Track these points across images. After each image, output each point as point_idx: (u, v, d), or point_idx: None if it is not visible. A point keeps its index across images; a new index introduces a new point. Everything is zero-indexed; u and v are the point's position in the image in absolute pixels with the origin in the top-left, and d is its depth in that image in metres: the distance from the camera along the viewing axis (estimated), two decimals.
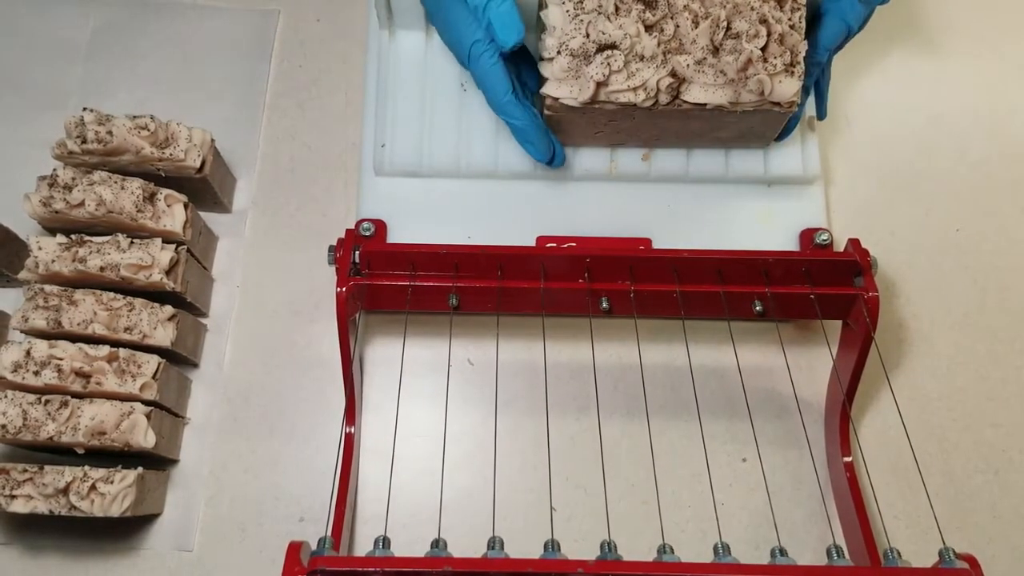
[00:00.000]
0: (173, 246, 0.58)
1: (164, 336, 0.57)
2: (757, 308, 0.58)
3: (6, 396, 0.53)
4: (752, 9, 0.54)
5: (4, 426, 0.53)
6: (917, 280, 0.66)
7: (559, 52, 0.55)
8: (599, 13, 0.54)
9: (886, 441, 0.62)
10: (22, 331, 0.56)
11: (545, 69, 0.56)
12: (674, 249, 0.58)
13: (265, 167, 0.68)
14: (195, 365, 0.62)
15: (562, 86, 0.55)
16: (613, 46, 0.54)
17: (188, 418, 0.61)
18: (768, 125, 0.60)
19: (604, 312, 0.58)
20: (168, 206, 0.59)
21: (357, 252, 0.56)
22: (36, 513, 0.52)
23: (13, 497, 0.52)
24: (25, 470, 0.52)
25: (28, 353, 0.54)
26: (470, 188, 0.63)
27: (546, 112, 0.58)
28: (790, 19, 0.55)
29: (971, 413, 0.63)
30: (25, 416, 0.53)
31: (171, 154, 0.58)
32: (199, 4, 0.72)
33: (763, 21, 0.54)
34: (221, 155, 0.64)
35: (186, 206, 0.59)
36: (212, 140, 0.61)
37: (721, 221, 0.63)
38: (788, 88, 0.55)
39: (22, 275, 0.57)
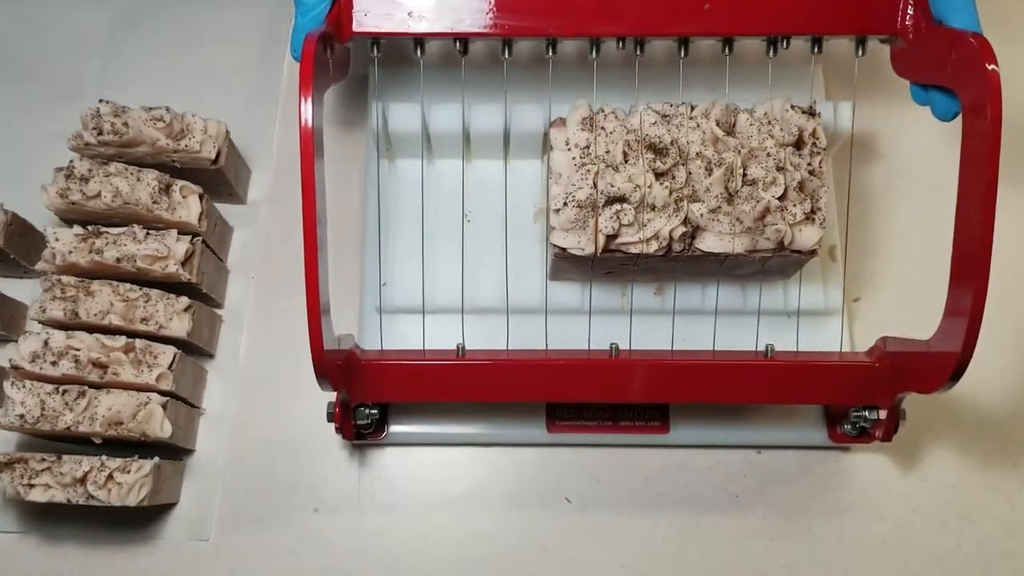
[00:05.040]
0: (188, 237, 0.58)
1: (180, 327, 0.57)
2: None
3: (24, 386, 0.54)
4: (768, 155, 0.51)
5: (22, 416, 0.53)
6: None
7: (566, 203, 0.51)
8: (607, 165, 0.51)
9: None
10: (40, 322, 0.57)
11: (552, 218, 0.52)
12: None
13: (280, 158, 0.68)
14: (211, 356, 0.63)
15: (569, 236, 0.52)
16: (623, 199, 0.51)
17: (204, 408, 0.62)
18: (788, 266, 0.56)
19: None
20: (183, 197, 0.59)
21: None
22: (54, 502, 0.53)
23: (31, 486, 0.53)
24: (43, 460, 0.53)
25: (46, 344, 0.54)
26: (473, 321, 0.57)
27: (554, 258, 0.54)
28: (809, 164, 0.52)
29: None
30: (43, 406, 0.53)
31: (186, 145, 0.59)
32: None
33: (780, 168, 0.51)
34: (236, 146, 0.64)
35: (201, 197, 0.59)
36: (227, 131, 0.61)
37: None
38: (809, 237, 0.51)
39: (39, 266, 0.57)
